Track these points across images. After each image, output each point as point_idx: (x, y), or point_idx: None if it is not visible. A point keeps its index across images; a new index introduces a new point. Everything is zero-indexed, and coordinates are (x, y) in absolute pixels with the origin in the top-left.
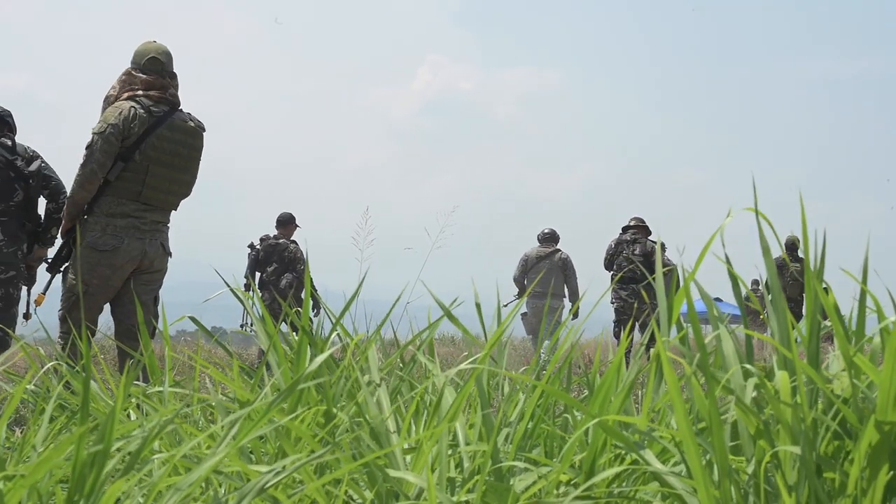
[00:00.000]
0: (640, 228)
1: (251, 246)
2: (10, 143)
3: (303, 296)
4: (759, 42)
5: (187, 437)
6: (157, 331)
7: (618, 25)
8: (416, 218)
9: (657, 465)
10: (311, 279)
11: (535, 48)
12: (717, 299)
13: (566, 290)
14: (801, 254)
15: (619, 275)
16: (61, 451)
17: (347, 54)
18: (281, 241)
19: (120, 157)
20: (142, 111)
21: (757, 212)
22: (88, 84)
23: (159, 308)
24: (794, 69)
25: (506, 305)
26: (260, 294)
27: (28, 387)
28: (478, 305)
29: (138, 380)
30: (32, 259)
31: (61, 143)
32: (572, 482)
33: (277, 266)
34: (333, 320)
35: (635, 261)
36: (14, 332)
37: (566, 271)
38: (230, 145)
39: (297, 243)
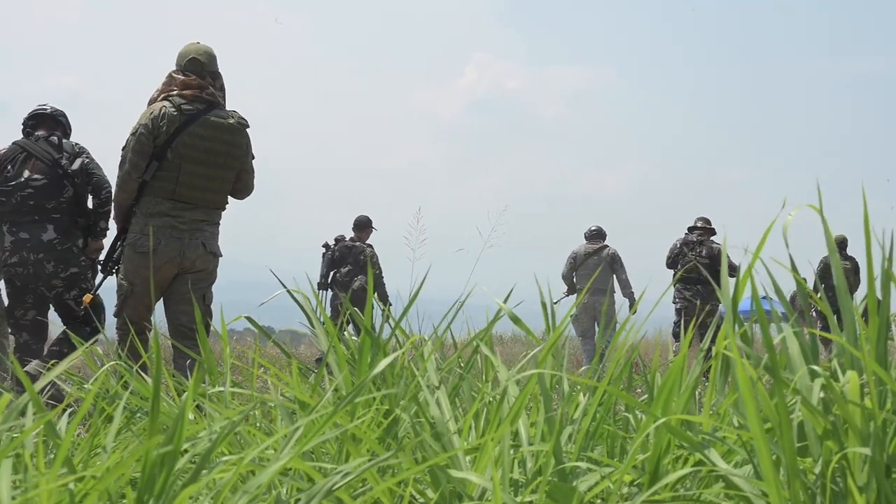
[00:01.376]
0: (706, 230)
1: (326, 246)
2: (56, 141)
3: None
4: (809, 41)
5: (249, 439)
6: (207, 330)
7: (666, 23)
8: (464, 217)
9: (723, 465)
10: (384, 283)
11: (582, 46)
12: (765, 297)
13: (616, 285)
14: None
15: (678, 274)
16: (135, 457)
17: (393, 53)
18: (357, 243)
19: (154, 157)
20: (172, 110)
21: (821, 213)
22: (135, 84)
23: (216, 308)
24: (843, 69)
25: (556, 303)
26: (332, 293)
27: (87, 386)
28: (543, 305)
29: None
30: (90, 252)
31: (109, 143)
32: (636, 482)
33: (352, 268)
34: (392, 322)
35: (699, 264)
36: (104, 323)
37: (615, 266)
38: (277, 146)
39: (372, 247)
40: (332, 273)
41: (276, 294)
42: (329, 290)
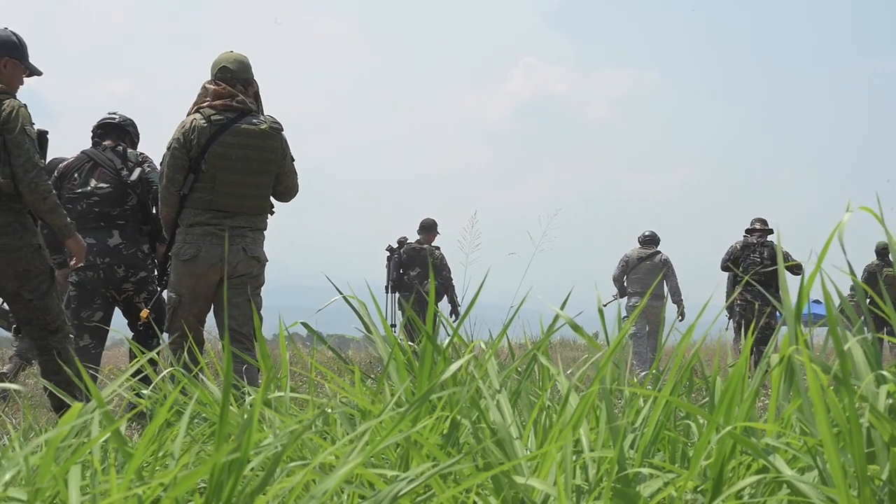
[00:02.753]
0: (764, 231)
1: (390, 249)
2: (122, 151)
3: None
4: (862, 44)
5: (310, 445)
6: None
7: (713, 27)
8: (512, 220)
9: (788, 472)
10: (454, 286)
11: (628, 50)
12: (816, 301)
13: (665, 290)
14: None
15: (744, 281)
16: (209, 465)
17: (440, 57)
18: (425, 245)
19: (190, 170)
20: (202, 121)
21: (880, 218)
22: (185, 90)
23: (267, 313)
24: (886, 70)
25: (605, 305)
26: (401, 296)
27: (146, 392)
28: (600, 311)
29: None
30: (158, 256)
31: (161, 150)
32: (699, 489)
33: (421, 270)
34: (450, 329)
35: (758, 265)
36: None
37: (666, 272)
38: (325, 150)
39: (440, 249)
40: (400, 275)
41: (333, 300)
42: (395, 292)
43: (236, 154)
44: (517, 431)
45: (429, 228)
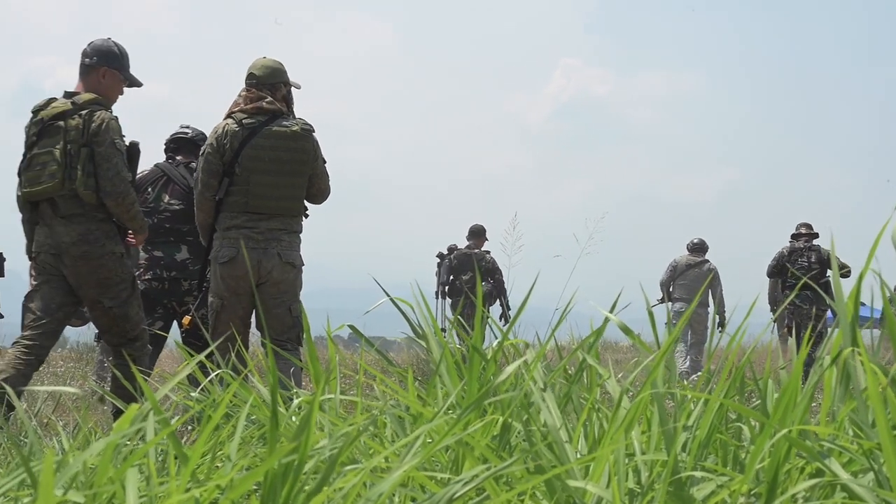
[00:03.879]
0: (810, 235)
1: (440, 255)
2: (194, 167)
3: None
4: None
5: (361, 448)
6: (298, 341)
7: (754, 28)
8: (554, 221)
9: (845, 475)
10: (506, 289)
11: (668, 51)
12: (862, 303)
13: (711, 299)
14: None
15: (798, 287)
16: (266, 467)
17: (481, 59)
18: (475, 250)
19: (224, 174)
20: (234, 126)
21: None
22: (223, 94)
23: (315, 317)
24: None
25: (652, 307)
26: (452, 301)
27: (193, 394)
28: (650, 313)
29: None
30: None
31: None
32: (753, 492)
33: (473, 275)
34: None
35: (806, 270)
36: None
37: (713, 282)
38: (364, 154)
39: (490, 253)
40: (451, 280)
41: (380, 302)
42: (446, 298)
43: (269, 156)
44: (567, 434)
45: (478, 234)
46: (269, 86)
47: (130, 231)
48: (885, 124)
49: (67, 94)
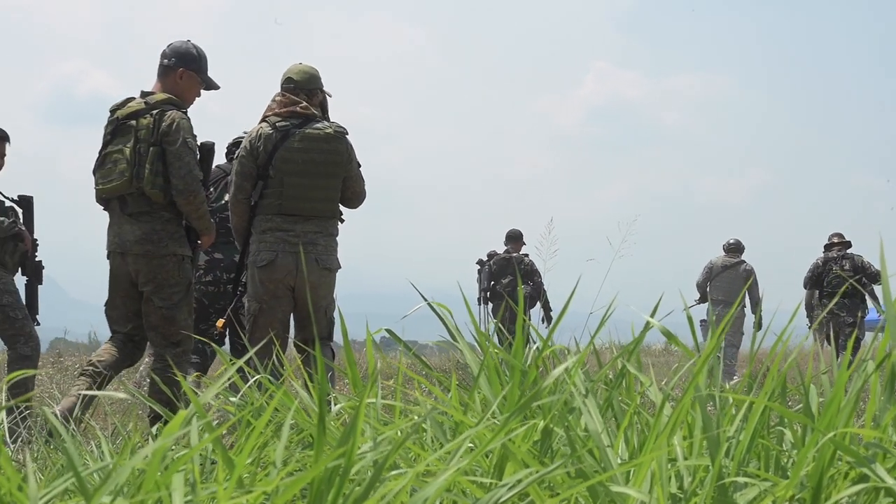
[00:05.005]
0: (843, 244)
1: (480, 262)
2: None
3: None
4: None
5: (401, 452)
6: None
7: (784, 29)
8: (587, 225)
9: (890, 480)
10: (546, 291)
11: (700, 54)
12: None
13: (748, 300)
14: None
15: (843, 288)
16: (315, 472)
17: (512, 62)
18: (514, 254)
19: (259, 177)
20: (268, 129)
21: None
22: (256, 99)
23: (349, 321)
24: None
25: (688, 308)
26: (494, 305)
27: (233, 399)
28: (689, 318)
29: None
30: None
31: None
32: (796, 498)
33: (513, 278)
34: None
35: (844, 277)
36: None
37: (749, 282)
38: (396, 157)
39: (528, 256)
40: (492, 285)
41: (418, 307)
42: (488, 303)
43: (302, 158)
44: (608, 439)
45: (515, 238)
46: (307, 91)
47: (199, 233)
48: None
49: (143, 94)
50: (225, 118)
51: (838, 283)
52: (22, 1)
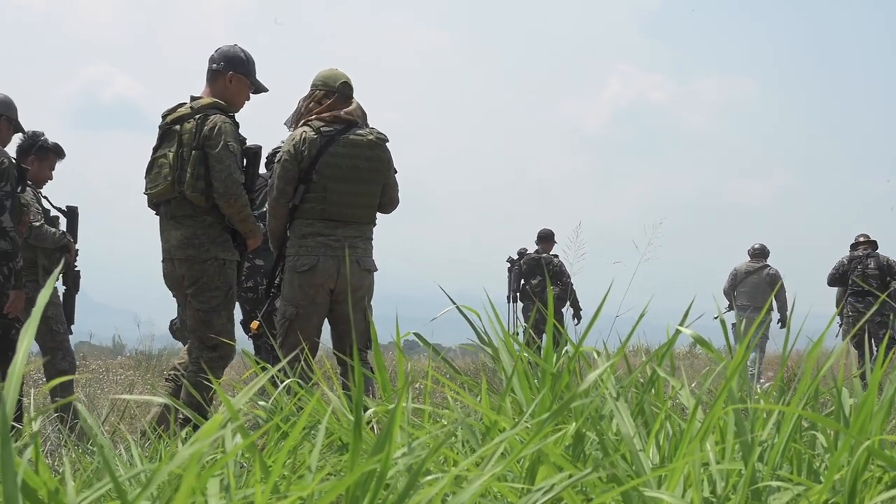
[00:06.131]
0: (869, 244)
1: (510, 260)
2: None
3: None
4: None
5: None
6: (369, 347)
7: (808, 33)
8: (612, 227)
9: None
10: (575, 291)
11: (724, 57)
12: None
13: (775, 303)
14: None
15: (887, 293)
16: (353, 477)
17: (536, 66)
18: (544, 255)
19: (301, 181)
20: (312, 133)
21: None
22: (283, 103)
23: (377, 324)
24: None
25: (715, 318)
26: (524, 305)
27: (262, 403)
28: (722, 322)
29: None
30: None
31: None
32: (830, 502)
33: (542, 279)
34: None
35: (869, 276)
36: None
37: (774, 286)
38: (420, 160)
39: (559, 257)
40: (522, 285)
41: (446, 310)
42: (517, 302)
43: (346, 164)
44: (640, 443)
45: (546, 238)
46: (344, 97)
47: (244, 236)
48: None
49: (192, 99)
50: (252, 122)
51: (863, 282)
52: (45, 6)
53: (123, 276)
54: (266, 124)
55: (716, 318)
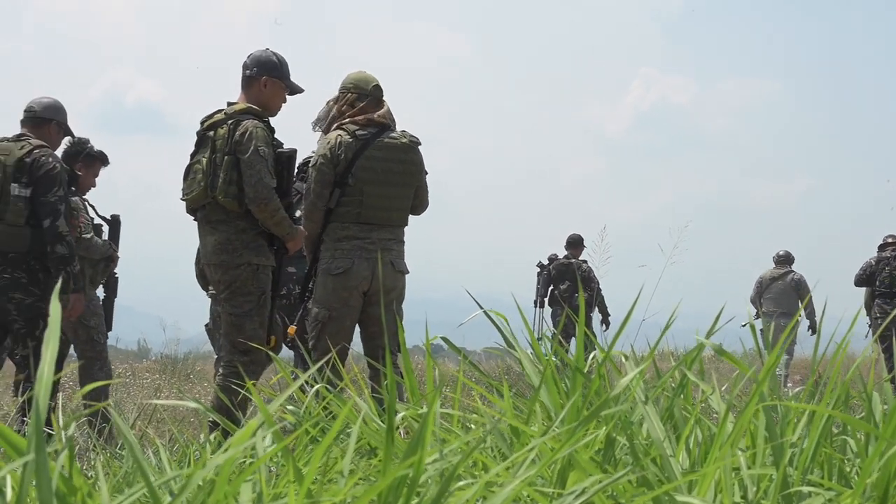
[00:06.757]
0: None
1: (540, 265)
2: None
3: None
4: None
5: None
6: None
7: (833, 35)
8: (636, 231)
9: None
10: (603, 297)
11: (747, 60)
12: None
13: (801, 309)
14: None
15: None
16: (386, 482)
17: (559, 69)
18: (573, 260)
19: (336, 184)
20: (347, 137)
21: None
22: (309, 109)
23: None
24: None
25: (743, 326)
26: (553, 310)
27: (291, 408)
28: (752, 327)
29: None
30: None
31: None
32: None
33: (570, 284)
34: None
35: (891, 280)
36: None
37: (799, 290)
38: (442, 163)
39: (587, 262)
40: (550, 290)
41: (474, 314)
42: (544, 307)
43: (382, 167)
44: (671, 448)
45: (575, 244)
46: (376, 100)
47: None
48: None
49: (228, 105)
50: (277, 126)
51: (891, 283)
52: (69, 11)
53: (147, 280)
54: (290, 126)
55: (744, 325)
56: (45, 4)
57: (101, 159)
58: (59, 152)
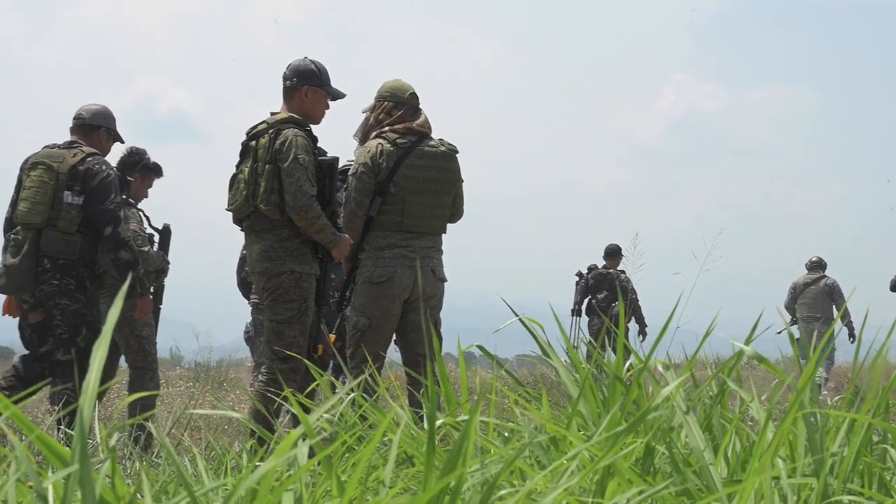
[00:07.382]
0: None
1: (579, 274)
2: None
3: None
4: None
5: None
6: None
7: (866, 43)
8: (668, 238)
9: None
10: (640, 307)
11: (779, 67)
12: None
13: (835, 314)
14: None
15: None
16: (432, 492)
17: (591, 76)
18: (611, 270)
19: (377, 193)
20: (388, 145)
21: None
22: (336, 114)
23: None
24: None
25: (779, 333)
26: (591, 320)
27: (324, 415)
28: (790, 335)
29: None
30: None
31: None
32: None
33: (608, 294)
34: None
35: None
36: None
37: (833, 296)
38: (472, 171)
39: (626, 272)
40: (587, 300)
41: (509, 322)
42: (581, 316)
43: (423, 175)
44: (710, 457)
45: (613, 254)
46: (413, 108)
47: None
48: None
49: (271, 115)
50: (326, 133)
51: None
52: (100, 19)
53: (179, 288)
54: (333, 134)
55: (779, 332)
56: (75, 13)
57: (156, 171)
58: (115, 160)
